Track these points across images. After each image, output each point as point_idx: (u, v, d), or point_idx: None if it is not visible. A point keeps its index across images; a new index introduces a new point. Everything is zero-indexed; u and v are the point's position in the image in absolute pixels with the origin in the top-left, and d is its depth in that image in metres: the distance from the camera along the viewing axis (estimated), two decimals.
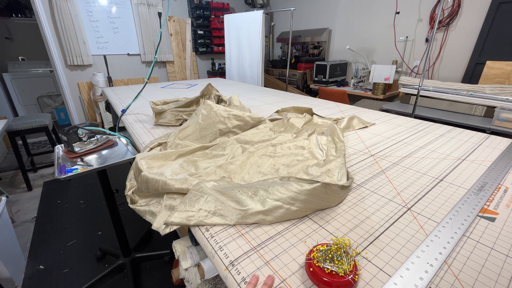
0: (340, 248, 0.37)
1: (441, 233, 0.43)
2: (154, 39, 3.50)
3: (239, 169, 0.64)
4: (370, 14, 2.99)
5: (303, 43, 3.78)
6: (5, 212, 1.34)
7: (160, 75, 3.80)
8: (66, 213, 1.86)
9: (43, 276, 1.36)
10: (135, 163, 0.64)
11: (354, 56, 3.29)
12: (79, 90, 3.24)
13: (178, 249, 0.58)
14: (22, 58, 3.81)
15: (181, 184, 0.54)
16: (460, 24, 2.36)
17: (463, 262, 0.38)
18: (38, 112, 3.79)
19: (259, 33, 2.59)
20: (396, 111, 2.14)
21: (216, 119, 0.83)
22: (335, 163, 0.60)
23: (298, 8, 3.76)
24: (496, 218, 0.47)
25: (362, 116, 1.12)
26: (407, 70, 2.82)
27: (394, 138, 0.87)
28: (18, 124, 2.12)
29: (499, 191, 0.55)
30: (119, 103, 1.40)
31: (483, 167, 0.66)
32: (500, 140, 0.85)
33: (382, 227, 0.45)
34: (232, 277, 0.36)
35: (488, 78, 2.02)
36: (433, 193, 0.55)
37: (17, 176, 2.43)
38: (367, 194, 0.55)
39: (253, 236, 0.43)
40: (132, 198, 0.61)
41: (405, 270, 0.36)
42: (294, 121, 0.91)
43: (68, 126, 0.89)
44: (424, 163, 0.69)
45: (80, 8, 2.94)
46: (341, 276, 0.33)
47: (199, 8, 3.75)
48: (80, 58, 3.03)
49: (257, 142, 0.78)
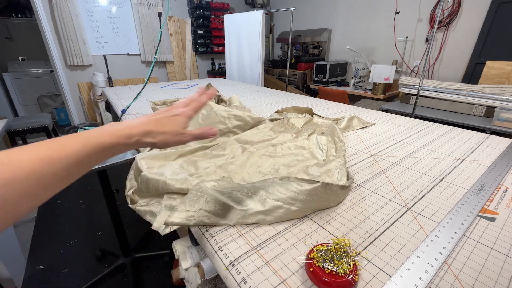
0: (340, 248, 0.37)
1: (441, 233, 0.43)
2: (154, 39, 3.50)
3: (239, 169, 0.64)
4: (370, 14, 2.99)
5: (303, 43, 3.78)
6: None
7: (160, 75, 3.80)
8: (66, 213, 1.86)
9: (43, 276, 1.36)
10: (135, 163, 0.64)
11: (354, 56, 3.29)
12: (79, 90, 3.24)
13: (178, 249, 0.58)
14: (22, 58, 3.81)
15: (181, 184, 0.54)
16: (460, 24, 2.36)
17: (463, 262, 0.38)
18: (38, 112, 3.78)
19: (259, 33, 2.59)
20: (396, 111, 2.14)
21: (216, 119, 0.83)
22: (335, 163, 0.60)
23: (298, 8, 3.76)
24: (496, 218, 0.47)
25: (362, 116, 1.12)
26: (407, 70, 2.82)
27: (394, 138, 0.87)
28: (18, 124, 2.12)
29: (499, 191, 0.55)
30: (119, 103, 1.40)
31: (483, 167, 0.66)
32: (500, 140, 0.85)
33: (382, 227, 0.45)
34: (232, 277, 0.36)
35: (488, 78, 2.02)
36: (433, 193, 0.55)
37: None
38: (367, 194, 0.55)
39: (253, 236, 0.43)
40: (132, 198, 0.61)
41: (405, 270, 0.36)
42: (294, 121, 0.91)
43: (68, 126, 0.89)
44: (424, 163, 0.69)
45: (80, 8, 2.94)
46: (341, 276, 0.33)
47: (199, 8, 3.75)
48: (80, 58, 3.03)
49: (257, 142, 0.78)
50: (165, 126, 0.38)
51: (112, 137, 0.32)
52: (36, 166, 0.25)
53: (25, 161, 0.24)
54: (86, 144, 0.30)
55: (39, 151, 0.26)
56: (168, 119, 0.39)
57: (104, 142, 0.31)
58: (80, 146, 0.29)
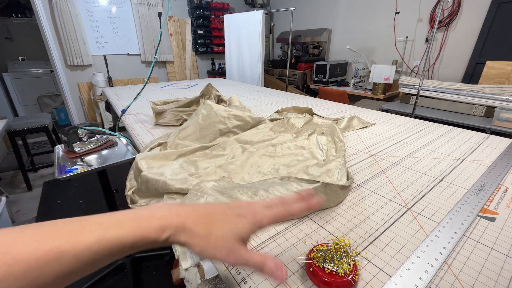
0: (340, 248, 0.37)
1: (441, 233, 0.43)
2: (154, 39, 3.50)
3: (239, 169, 0.64)
4: (370, 14, 2.99)
5: (303, 43, 3.78)
6: (5, 212, 1.34)
7: (160, 75, 3.80)
8: (66, 213, 1.86)
9: None
10: (135, 163, 0.64)
11: (354, 56, 3.29)
12: (79, 90, 3.24)
13: (178, 249, 0.58)
14: (22, 58, 3.81)
15: (181, 184, 0.54)
16: (460, 24, 2.36)
17: (463, 262, 0.38)
18: (38, 112, 3.79)
19: (259, 33, 2.59)
20: (396, 111, 2.14)
21: (216, 119, 0.83)
22: (335, 163, 0.60)
23: (298, 8, 3.76)
24: (496, 218, 0.47)
25: (362, 116, 1.12)
26: (407, 70, 2.82)
27: (394, 138, 0.87)
28: (18, 124, 2.12)
29: (499, 191, 0.55)
30: (119, 103, 1.40)
31: (483, 167, 0.66)
32: (500, 140, 0.85)
33: (382, 227, 0.45)
34: (232, 277, 0.36)
35: (488, 78, 2.02)
36: (433, 193, 0.55)
37: (17, 176, 2.43)
38: (367, 194, 0.55)
39: (253, 236, 0.43)
40: (132, 198, 0.61)
41: (405, 270, 0.36)
42: (294, 121, 0.91)
43: (68, 126, 0.89)
44: (424, 163, 0.69)
45: (80, 8, 2.94)
46: (341, 276, 0.33)
47: (199, 8, 3.75)
48: (80, 58, 3.03)
49: (257, 142, 0.78)
50: (214, 226, 0.27)
51: (137, 229, 0.24)
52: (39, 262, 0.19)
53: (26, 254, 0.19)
54: (103, 238, 0.23)
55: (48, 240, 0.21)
56: (226, 216, 0.28)
57: (125, 237, 0.23)
58: (95, 239, 0.22)
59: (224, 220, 0.28)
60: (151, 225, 0.25)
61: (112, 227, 0.23)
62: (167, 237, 0.25)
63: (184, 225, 0.26)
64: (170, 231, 0.25)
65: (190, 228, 0.26)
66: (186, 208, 0.28)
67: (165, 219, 0.25)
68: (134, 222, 0.24)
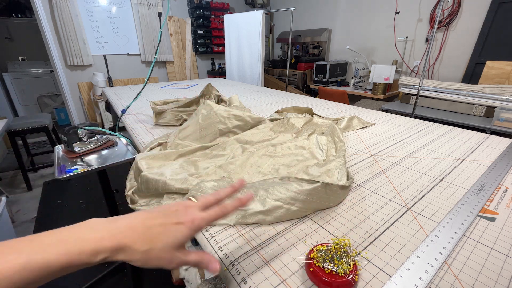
0: (340, 248, 0.37)
1: (441, 233, 0.43)
2: (154, 39, 3.50)
3: (239, 169, 0.64)
4: (370, 14, 2.99)
5: (303, 43, 3.78)
6: (5, 212, 1.34)
7: (160, 75, 3.80)
8: (66, 213, 1.86)
9: None
10: (135, 163, 0.64)
11: (354, 56, 3.29)
12: (79, 90, 3.24)
13: None
14: (22, 58, 3.81)
15: (181, 184, 0.54)
16: (460, 24, 2.36)
17: (463, 262, 0.38)
18: (38, 112, 3.79)
19: (259, 33, 2.59)
20: (396, 111, 2.14)
21: (216, 119, 0.83)
22: (335, 163, 0.60)
23: (298, 8, 3.76)
24: (496, 218, 0.47)
25: (362, 116, 1.12)
26: (407, 70, 2.82)
27: (394, 138, 0.87)
28: (18, 124, 2.12)
29: (499, 191, 0.55)
30: (119, 103, 1.40)
31: (483, 167, 0.66)
32: (500, 140, 0.85)
33: (382, 227, 0.45)
34: (232, 277, 0.36)
35: (488, 78, 2.02)
36: (433, 193, 0.55)
37: (17, 176, 2.43)
38: (367, 194, 0.55)
39: (253, 236, 0.43)
40: (132, 198, 0.61)
41: (405, 270, 0.36)
42: (294, 121, 0.91)
43: (68, 126, 0.89)
44: (424, 163, 0.69)
45: (80, 8, 2.94)
46: (341, 276, 0.33)
47: (199, 8, 3.75)
48: (80, 58, 3.03)
49: (257, 142, 0.78)
50: (154, 241, 0.27)
51: (66, 254, 0.23)
52: None
53: None
54: (28, 263, 0.22)
55: None
56: (164, 228, 0.28)
57: (50, 261, 0.22)
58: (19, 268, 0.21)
59: (163, 232, 0.28)
60: (82, 249, 0.24)
61: (34, 252, 0.22)
62: (102, 259, 0.25)
63: (120, 245, 0.26)
64: (105, 254, 0.25)
65: (129, 247, 0.26)
66: (121, 226, 0.27)
67: (98, 242, 0.25)
68: (59, 246, 0.23)
